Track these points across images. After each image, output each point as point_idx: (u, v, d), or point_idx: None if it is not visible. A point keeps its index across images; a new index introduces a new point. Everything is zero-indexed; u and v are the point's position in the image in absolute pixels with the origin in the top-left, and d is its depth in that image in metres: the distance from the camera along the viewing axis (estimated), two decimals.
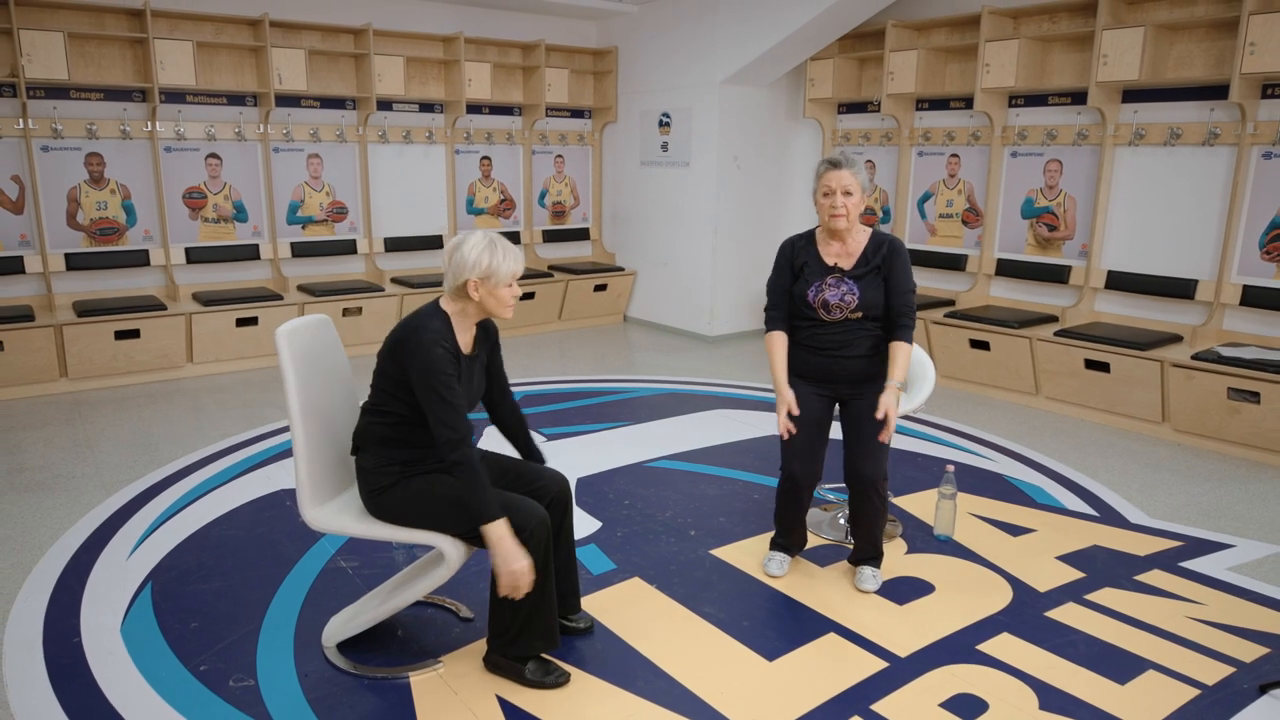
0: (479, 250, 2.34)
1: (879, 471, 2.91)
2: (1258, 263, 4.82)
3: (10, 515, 3.60)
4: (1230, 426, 4.49)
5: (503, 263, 2.35)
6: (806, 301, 2.91)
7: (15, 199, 5.57)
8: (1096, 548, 3.42)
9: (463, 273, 2.34)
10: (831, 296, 2.87)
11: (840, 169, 2.82)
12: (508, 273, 2.36)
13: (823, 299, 2.88)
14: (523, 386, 5.63)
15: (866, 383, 2.92)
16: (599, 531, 3.50)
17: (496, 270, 2.34)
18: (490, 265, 2.33)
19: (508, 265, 2.36)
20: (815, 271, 2.91)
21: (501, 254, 2.35)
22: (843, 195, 2.82)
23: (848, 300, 2.86)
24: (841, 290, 2.86)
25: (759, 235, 7.14)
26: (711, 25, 6.65)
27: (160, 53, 5.60)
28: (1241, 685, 2.53)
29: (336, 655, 2.60)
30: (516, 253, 2.40)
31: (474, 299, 2.37)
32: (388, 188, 6.95)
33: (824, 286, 2.88)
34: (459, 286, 2.36)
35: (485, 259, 2.33)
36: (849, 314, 2.86)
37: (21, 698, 2.41)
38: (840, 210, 2.82)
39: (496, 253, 2.35)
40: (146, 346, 5.59)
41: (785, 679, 2.55)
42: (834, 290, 2.87)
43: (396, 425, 2.42)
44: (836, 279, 2.88)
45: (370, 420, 2.46)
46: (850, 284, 2.87)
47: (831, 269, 2.90)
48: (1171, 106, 5.10)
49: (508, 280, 2.37)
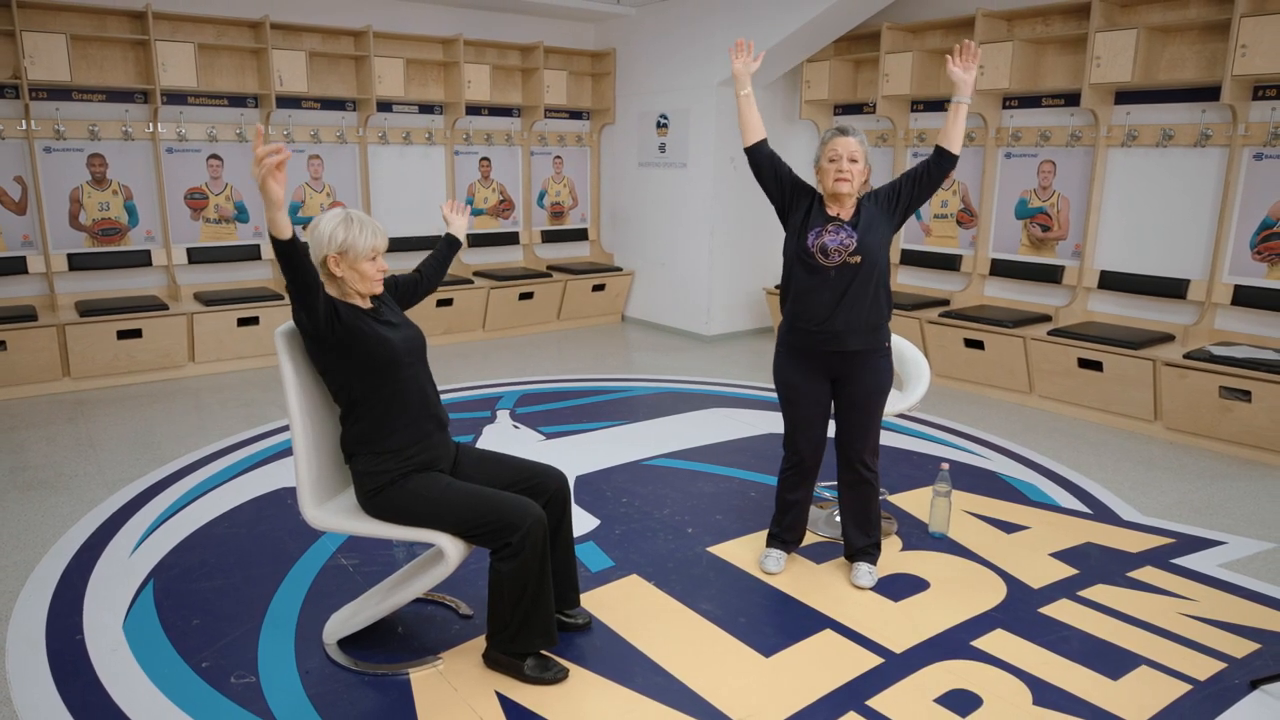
0: (334, 224, 2.37)
1: (868, 446, 2.99)
2: (1249, 263, 4.85)
3: (13, 513, 3.63)
4: (1222, 425, 4.53)
5: (359, 236, 2.36)
6: (805, 247, 2.90)
7: (18, 200, 5.59)
8: (1090, 545, 3.45)
9: (320, 249, 2.37)
10: (830, 241, 2.88)
11: (848, 136, 2.88)
12: (366, 246, 2.37)
13: (821, 243, 2.88)
14: (522, 386, 5.66)
15: (860, 359, 2.94)
16: (597, 529, 3.53)
17: (353, 244, 2.36)
18: (346, 239, 2.35)
19: (364, 239, 2.37)
20: (816, 219, 2.93)
21: (358, 228, 2.37)
22: (849, 161, 2.85)
23: (846, 244, 2.86)
24: (840, 235, 2.88)
25: (755, 236, 7.17)
26: (709, 28, 6.69)
27: (162, 55, 5.63)
28: (1233, 680, 2.56)
29: (337, 652, 2.62)
30: (375, 226, 2.41)
31: (337, 275, 2.39)
32: (388, 188, 6.98)
33: (824, 231, 2.90)
34: (321, 264, 2.38)
35: (340, 233, 2.35)
36: (848, 257, 2.86)
37: (25, 694, 2.43)
38: (845, 174, 2.85)
39: (352, 227, 2.36)
40: (148, 346, 5.62)
41: (782, 675, 2.57)
42: (833, 235, 2.88)
43: (362, 420, 2.44)
44: (836, 225, 2.90)
45: (346, 426, 2.49)
46: (849, 229, 2.88)
47: (832, 218, 2.92)
48: (1164, 108, 5.14)
49: (368, 254, 2.38)
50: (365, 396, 2.42)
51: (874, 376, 2.96)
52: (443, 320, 6.76)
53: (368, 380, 2.41)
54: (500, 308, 7.08)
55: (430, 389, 2.55)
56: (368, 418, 2.44)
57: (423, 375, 2.53)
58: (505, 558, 2.38)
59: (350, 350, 2.38)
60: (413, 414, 2.47)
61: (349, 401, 2.44)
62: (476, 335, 7.09)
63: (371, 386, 2.41)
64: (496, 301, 7.03)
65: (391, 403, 2.43)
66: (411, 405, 2.47)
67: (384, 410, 2.43)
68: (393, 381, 2.43)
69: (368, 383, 2.41)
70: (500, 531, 2.36)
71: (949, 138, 2.92)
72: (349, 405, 2.45)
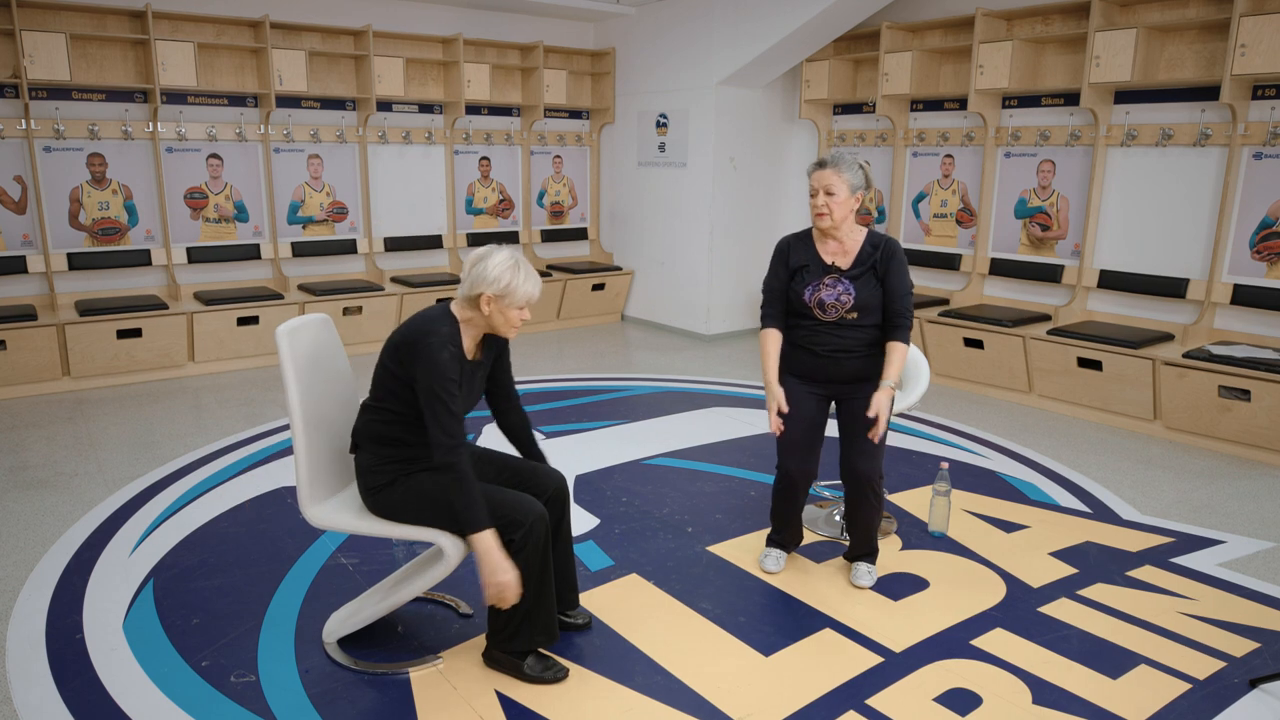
0: (503, 267, 2.35)
1: (875, 469, 2.94)
2: (1248, 262, 4.86)
3: (13, 513, 3.63)
4: (1221, 424, 4.53)
5: (522, 285, 2.36)
6: (803, 301, 2.92)
7: (18, 199, 5.59)
8: (1089, 544, 3.45)
9: (480, 285, 2.34)
10: (828, 296, 2.89)
11: (824, 169, 2.84)
12: (524, 295, 2.37)
13: (819, 298, 2.89)
14: (521, 385, 5.63)
15: (862, 382, 2.94)
16: (597, 528, 3.53)
17: (514, 291, 2.35)
18: (510, 285, 2.34)
19: (526, 288, 2.37)
20: (814, 271, 2.92)
21: (523, 276, 2.36)
22: (825, 195, 2.83)
23: (844, 300, 2.88)
24: (838, 290, 2.88)
25: (754, 235, 7.17)
26: (708, 27, 6.69)
27: (162, 54, 5.63)
28: (1232, 680, 2.57)
29: (337, 651, 2.63)
30: (537, 279, 2.40)
31: (484, 313, 2.38)
32: (387, 188, 6.98)
33: (820, 286, 2.89)
34: (473, 297, 2.37)
35: (506, 277, 2.34)
36: (844, 314, 2.88)
37: (25, 694, 2.43)
38: (822, 210, 2.85)
39: (519, 274, 2.35)
40: (148, 345, 5.62)
41: (781, 674, 2.58)
42: (830, 290, 2.89)
43: (393, 423, 2.45)
44: (834, 279, 2.89)
45: (369, 418, 2.49)
46: (846, 284, 2.88)
47: (830, 268, 2.91)
48: (1163, 108, 5.14)
49: (522, 302, 2.38)
50: (404, 414, 2.43)
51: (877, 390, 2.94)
52: None
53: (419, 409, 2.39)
54: None
55: None
56: (394, 425, 2.44)
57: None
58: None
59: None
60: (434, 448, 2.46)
61: (386, 398, 2.44)
62: None
63: (418, 412, 2.40)
64: None
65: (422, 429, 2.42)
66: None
67: (409, 429, 2.44)
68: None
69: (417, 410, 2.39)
70: (502, 529, 2.36)
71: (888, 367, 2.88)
72: (383, 400, 2.45)
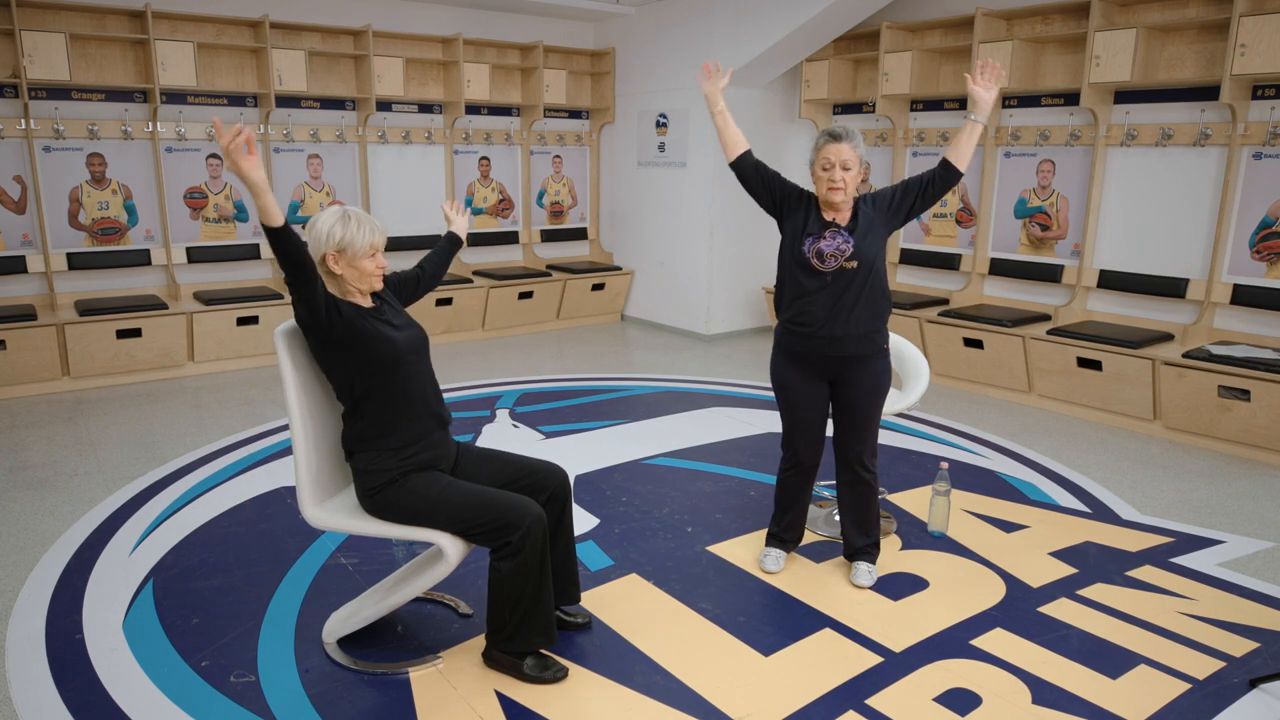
0: (331, 222, 2.38)
1: (866, 447, 2.99)
2: (1248, 262, 4.86)
3: (13, 513, 3.63)
4: (1221, 424, 4.53)
5: (357, 233, 2.37)
6: (802, 253, 2.88)
7: (17, 199, 5.59)
8: (1088, 544, 3.45)
9: (319, 247, 2.38)
10: (826, 246, 2.85)
11: (840, 142, 2.82)
12: (364, 244, 2.38)
13: (818, 249, 2.86)
14: (522, 385, 5.66)
15: (858, 362, 2.93)
16: (597, 528, 3.53)
17: (352, 242, 2.37)
18: (344, 237, 2.36)
19: (363, 236, 2.38)
20: (813, 225, 2.90)
21: (355, 224, 2.38)
22: (841, 169, 2.81)
23: (843, 249, 2.84)
24: (837, 241, 2.86)
25: (754, 235, 7.16)
26: (708, 27, 6.69)
27: (161, 54, 5.63)
28: (1232, 680, 2.57)
29: (337, 651, 2.63)
30: (373, 223, 2.42)
31: (336, 272, 2.40)
32: (387, 188, 6.98)
33: (820, 238, 2.87)
34: (319, 262, 2.39)
35: (339, 230, 2.36)
36: (844, 263, 2.85)
37: (24, 694, 2.44)
38: (839, 184, 2.82)
39: (350, 223, 2.37)
40: (148, 345, 5.62)
41: (781, 674, 2.58)
42: (829, 241, 2.86)
43: (365, 414, 2.44)
44: (833, 232, 2.88)
45: (349, 424, 2.49)
46: (845, 234, 2.86)
47: (829, 224, 2.89)
48: (1163, 107, 5.14)
49: (366, 251, 2.39)
50: (368, 394, 2.43)
51: (872, 378, 2.95)
52: (442, 319, 6.76)
53: (370, 378, 2.41)
54: (500, 307, 7.09)
55: (432, 388, 2.56)
56: (369, 416, 2.44)
57: (425, 374, 2.54)
58: (505, 556, 2.38)
59: (352, 347, 2.38)
60: (414, 412, 2.47)
61: (352, 400, 2.45)
62: (476, 334, 7.09)
63: (374, 385, 2.42)
64: (496, 301, 7.03)
65: (393, 401, 2.43)
66: (413, 403, 2.47)
67: (385, 408, 2.44)
68: (395, 380, 2.44)
69: (370, 381, 2.41)
70: (500, 530, 2.37)
71: (958, 154, 2.90)
72: (352, 404, 2.45)
